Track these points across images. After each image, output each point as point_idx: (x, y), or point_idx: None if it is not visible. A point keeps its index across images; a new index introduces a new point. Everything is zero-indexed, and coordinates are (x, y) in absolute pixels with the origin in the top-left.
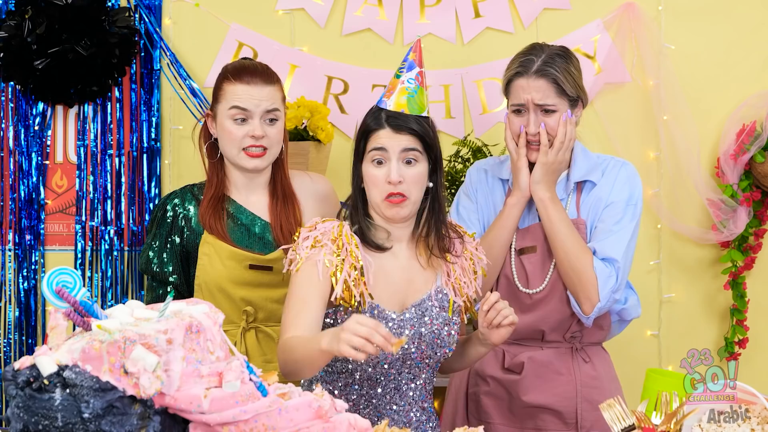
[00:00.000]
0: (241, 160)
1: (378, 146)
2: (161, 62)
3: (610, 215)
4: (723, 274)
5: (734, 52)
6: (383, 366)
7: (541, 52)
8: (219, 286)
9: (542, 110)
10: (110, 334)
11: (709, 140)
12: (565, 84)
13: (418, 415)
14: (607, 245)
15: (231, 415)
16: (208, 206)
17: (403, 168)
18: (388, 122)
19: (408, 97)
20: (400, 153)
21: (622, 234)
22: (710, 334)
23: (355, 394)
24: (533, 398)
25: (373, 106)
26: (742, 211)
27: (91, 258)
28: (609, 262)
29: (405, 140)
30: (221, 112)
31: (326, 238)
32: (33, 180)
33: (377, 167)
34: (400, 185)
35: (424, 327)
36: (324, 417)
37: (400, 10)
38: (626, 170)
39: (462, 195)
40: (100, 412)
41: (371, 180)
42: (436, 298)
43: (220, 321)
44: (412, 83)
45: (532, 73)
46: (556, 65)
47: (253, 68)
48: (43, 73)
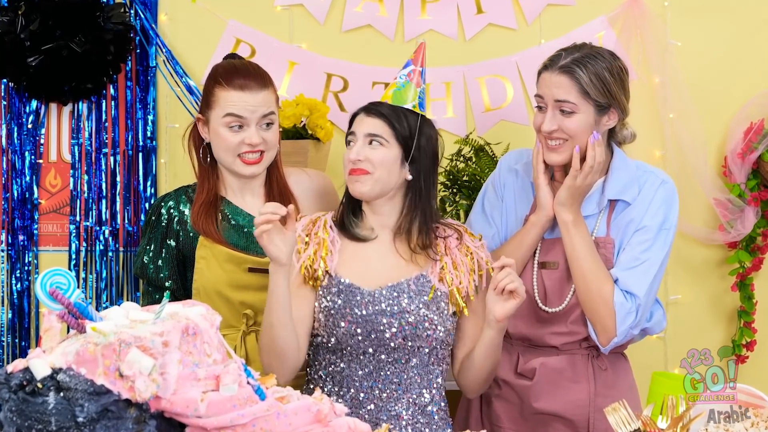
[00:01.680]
0: (238, 168)
1: (351, 131)
2: (157, 59)
3: (640, 241)
4: (730, 276)
5: (741, 48)
6: (357, 339)
7: (576, 51)
8: (217, 291)
9: (560, 109)
10: (105, 336)
11: (716, 139)
12: (590, 87)
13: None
14: (631, 277)
15: (228, 419)
16: (199, 211)
17: (366, 149)
18: (364, 109)
19: (395, 90)
20: (365, 136)
21: (650, 266)
22: (717, 337)
23: (338, 375)
24: (544, 405)
25: None
26: (749, 211)
27: (86, 259)
28: (631, 296)
29: (372, 123)
30: (215, 118)
31: (300, 229)
32: (26, 179)
33: (348, 148)
34: (360, 162)
35: (398, 306)
36: (323, 421)
37: (400, 6)
38: (664, 191)
39: (489, 188)
40: (94, 416)
41: (343, 162)
42: (417, 284)
43: (217, 323)
44: (402, 78)
45: (556, 68)
46: (585, 65)
47: (245, 71)
48: (36, 70)
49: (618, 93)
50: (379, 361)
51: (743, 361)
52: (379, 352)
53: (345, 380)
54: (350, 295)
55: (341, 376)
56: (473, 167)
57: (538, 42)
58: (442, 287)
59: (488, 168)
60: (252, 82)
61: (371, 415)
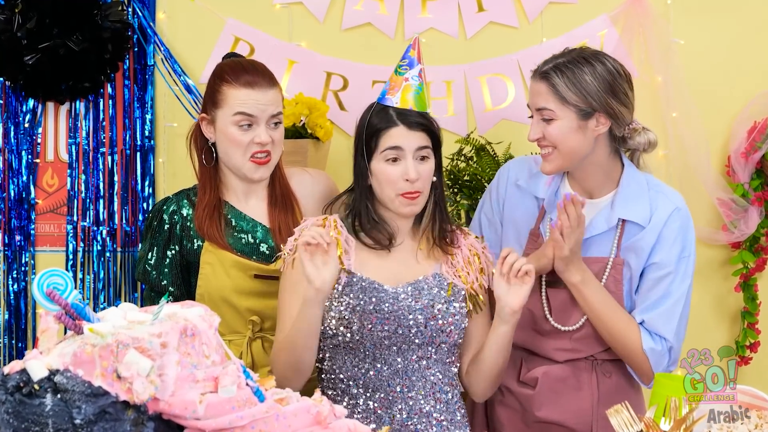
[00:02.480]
0: (248, 171)
1: (393, 145)
2: (155, 58)
3: (660, 277)
4: (734, 276)
5: (745, 46)
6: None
7: (562, 56)
8: (223, 297)
9: (542, 117)
10: (103, 337)
11: (719, 138)
12: (566, 92)
13: (437, 408)
14: (656, 320)
15: (227, 421)
16: (204, 214)
17: (418, 165)
18: (401, 120)
19: (414, 94)
20: (416, 151)
21: (674, 304)
22: (720, 338)
23: (362, 377)
24: (546, 414)
25: (374, 103)
26: (753, 210)
27: (83, 259)
28: (660, 339)
29: (419, 138)
30: (223, 117)
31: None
32: (23, 179)
33: (392, 164)
34: (417, 183)
35: (419, 302)
36: (323, 423)
37: (401, 4)
38: (679, 220)
39: (487, 202)
40: (92, 417)
41: (386, 178)
42: (435, 281)
43: (216, 324)
44: (416, 80)
45: (536, 74)
46: (562, 71)
47: (253, 69)
48: (33, 69)
49: (605, 97)
50: (405, 359)
51: (747, 362)
52: (404, 349)
53: (372, 382)
54: (374, 291)
55: (367, 378)
56: (474, 167)
57: (540, 40)
58: (459, 283)
59: (489, 167)
60: (261, 79)
61: (401, 415)
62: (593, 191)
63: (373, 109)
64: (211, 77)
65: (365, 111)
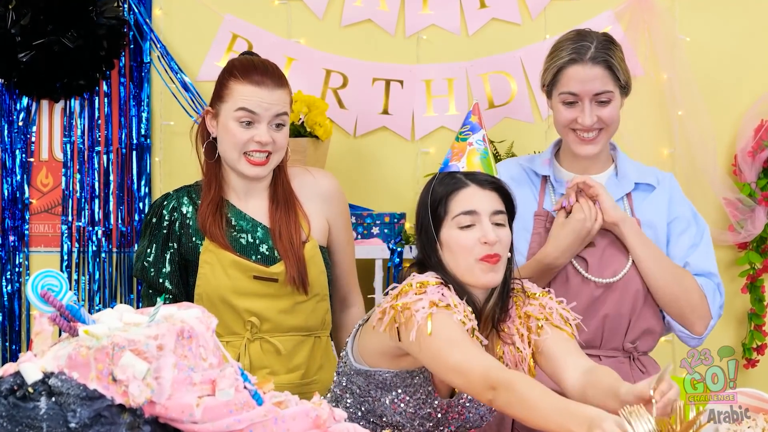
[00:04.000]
0: (242, 167)
1: (467, 209)
2: (151, 55)
3: (687, 227)
4: (740, 277)
5: (752, 43)
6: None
7: (593, 38)
8: (221, 297)
9: (597, 101)
10: (98, 339)
11: (726, 136)
12: (619, 71)
13: None
14: (698, 260)
15: (225, 424)
16: (207, 211)
17: (496, 229)
18: (471, 180)
19: (481, 158)
20: (492, 215)
21: (706, 244)
22: (727, 340)
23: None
24: None
25: (437, 173)
26: (760, 210)
27: (78, 260)
28: (707, 276)
29: (493, 199)
30: (225, 111)
31: (446, 301)
32: (17, 178)
33: (466, 231)
34: (495, 245)
35: None
36: (322, 427)
37: (401, 0)
38: (676, 183)
39: None
40: (87, 421)
41: (460, 246)
42: None
43: (213, 326)
44: (480, 144)
45: (588, 59)
46: (610, 51)
47: (263, 68)
48: (27, 67)
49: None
50: None
51: (753, 365)
52: None
53: None
54: None
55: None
56: None
57: (543, 37)
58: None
59: None
60: (269, 79)
61: None
62: (589, 169)
63: (437, 178)
64: (221, 72)
65: (427, 184)
